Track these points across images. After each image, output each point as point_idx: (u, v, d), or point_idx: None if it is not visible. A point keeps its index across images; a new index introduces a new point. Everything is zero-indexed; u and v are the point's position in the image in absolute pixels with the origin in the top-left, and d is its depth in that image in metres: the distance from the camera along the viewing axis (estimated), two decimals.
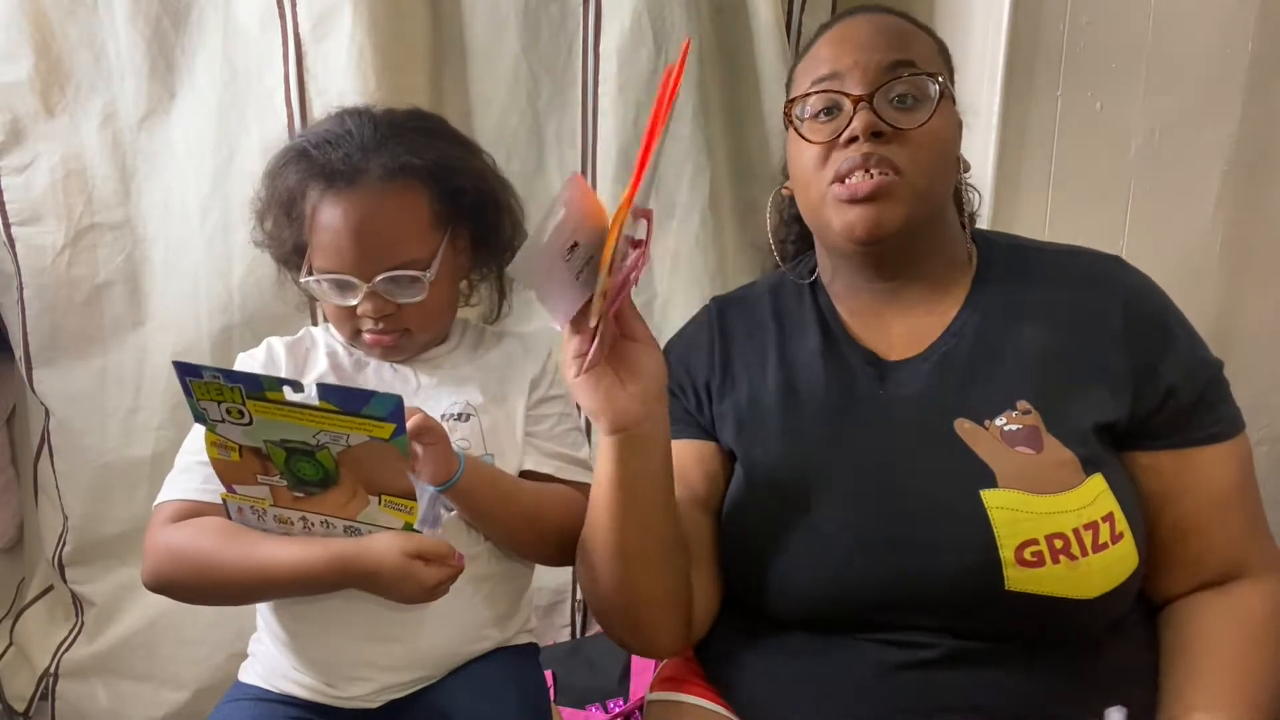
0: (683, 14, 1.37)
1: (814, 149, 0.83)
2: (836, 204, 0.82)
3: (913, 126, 0.80)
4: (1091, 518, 0.73)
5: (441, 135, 0.94)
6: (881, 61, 0.81)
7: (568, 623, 1.59)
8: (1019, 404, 0.79)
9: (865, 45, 0.82)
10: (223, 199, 1.36)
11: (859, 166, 0.80)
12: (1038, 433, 0.77)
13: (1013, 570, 0.73)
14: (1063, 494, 0.74)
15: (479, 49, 1.42)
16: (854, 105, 0.80)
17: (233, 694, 0.94)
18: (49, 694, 1.49)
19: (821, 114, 0.83)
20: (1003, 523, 0.73)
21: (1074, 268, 0.86)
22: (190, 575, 0.84)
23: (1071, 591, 0.73)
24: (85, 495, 1.45)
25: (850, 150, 0.80)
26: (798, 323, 0.92)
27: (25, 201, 1.36)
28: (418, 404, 0.92)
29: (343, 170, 0.87)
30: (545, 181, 1.47)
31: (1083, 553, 0.72)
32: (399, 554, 0.79)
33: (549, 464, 0.96)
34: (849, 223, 0.81)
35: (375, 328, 0.91)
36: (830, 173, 0.82)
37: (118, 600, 1.49)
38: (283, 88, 1.34)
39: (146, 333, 1.42)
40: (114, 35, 1.34)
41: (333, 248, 0.88)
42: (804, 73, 0.87)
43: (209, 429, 0.78)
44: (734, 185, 1.52)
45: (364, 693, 0.90)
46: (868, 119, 0.79)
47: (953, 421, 0.79)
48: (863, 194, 0.80)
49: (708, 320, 0.97)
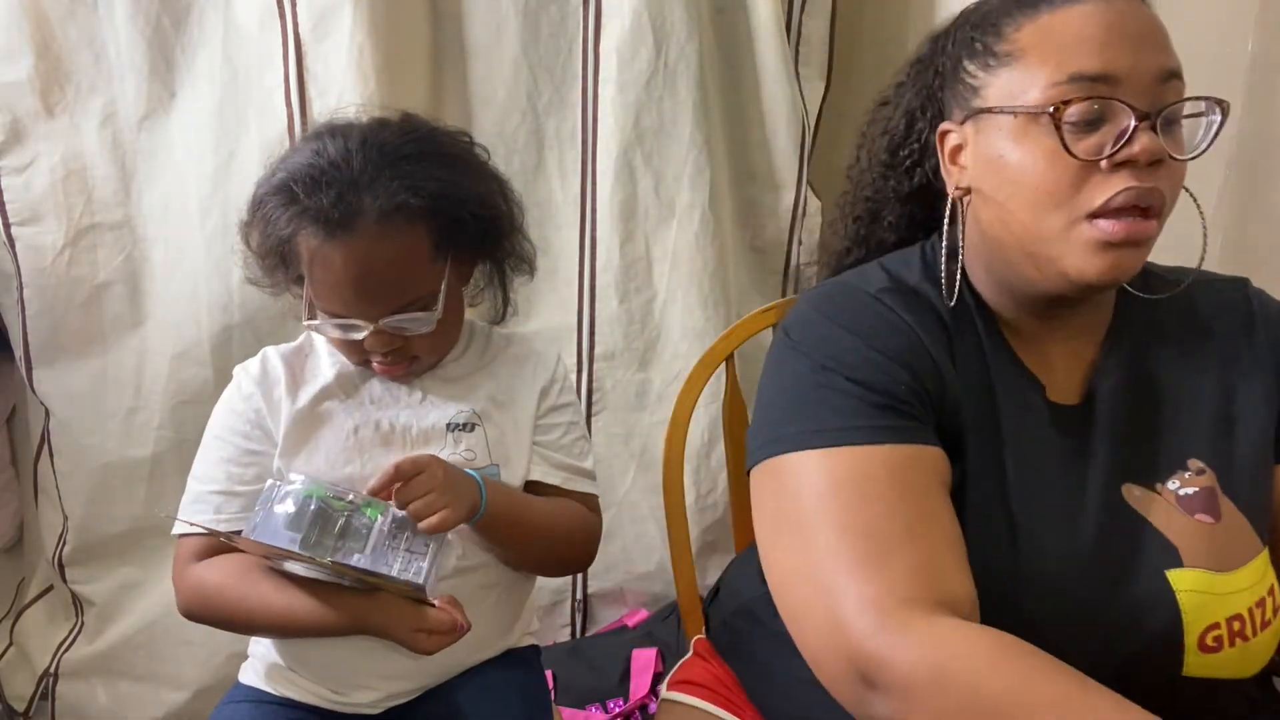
0: (683, 14, 1.37)
1: (1071, 165, 0.65)
2: (1089, 244, 0.65)
3: (1186, 157, 0.66)
4: (1261, 594, 0.68)
5: (436, 157, 0.86)
6: (1159, 69, 0.66)
7: (568, 623, 1.59)
8: (1191, 463, 0.70)
9: (1141, 42, 0.66)
10: (223, 199, 1.36)
11: (1134, 203, 0.64)
12: (1215, 495, 0.69)
13: (1193, 656, 0.66)
14: (1240, 570, 0.68)
15: (479, 49, 1.42)
16: (1136, 122, 0.64)
17: (232, 695, 0.94)
18: (49, 694, 1.49)
19: (1085, 123, 0.65)
20: (1191, 607, 0.66)
21: (1210, 301, 0.77)
22: (217, 616, 0.88)
23: (1239, 673, 0.68)
24: (85, 495, 1.45)
25: (1119, 178, 0.64)
26: (963, 339, 0.74)
27: (25, 201, 1.36)
28: (423, 414, 0.91)
29: (338, 217, 0.80)
30: (545, 181, 1.47)
31: (1254, 632, 0.67)
32: (408, 630, 0.82)
33: (556, 475, 0.94)
34: (1101, 269, 0.65)
35: (384, 360, 0.88)
36: (1088, 200, 0.65)
37: (118, 600, 1.49)
38: (283, 88, 1.33)
39: (146, 333, 1.42)
40: (114, 35, 1.34)
41: (335, 295, 0.84)
42: (1046, 49, 0.67)
43: None
44: (734, 185, 1.52)
45: (369, 700, 0.90)
46: (1156, 144, 0.64)
47: (1120, 487, 0.70)
48: (1133, 239, 0.65)
49: (902, 316, 0.73)
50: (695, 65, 1.39)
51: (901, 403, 0.69)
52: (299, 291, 0.89)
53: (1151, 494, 0.69)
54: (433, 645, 0.82)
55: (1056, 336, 0.74)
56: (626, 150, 1.42)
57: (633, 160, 1.43)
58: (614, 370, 1.51)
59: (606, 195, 1.44)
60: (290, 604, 0.84)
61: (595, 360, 1.50)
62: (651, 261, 1.48)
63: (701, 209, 1.45)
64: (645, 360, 1.51)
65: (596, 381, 1.51)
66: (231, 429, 0.90)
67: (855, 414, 0.68)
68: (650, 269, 1.48)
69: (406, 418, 0.90)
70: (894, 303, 0.74)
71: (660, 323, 1.49)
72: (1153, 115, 0.64)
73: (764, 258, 1.56)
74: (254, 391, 0.90)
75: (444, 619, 0.82)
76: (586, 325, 1.50)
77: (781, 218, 1.52)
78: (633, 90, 1.40)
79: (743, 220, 1.54)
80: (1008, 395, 0.72)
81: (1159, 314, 0.76)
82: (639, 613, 1.56)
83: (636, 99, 1.40)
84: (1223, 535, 0.68)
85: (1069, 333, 0.74)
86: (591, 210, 1.46)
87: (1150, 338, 0.75)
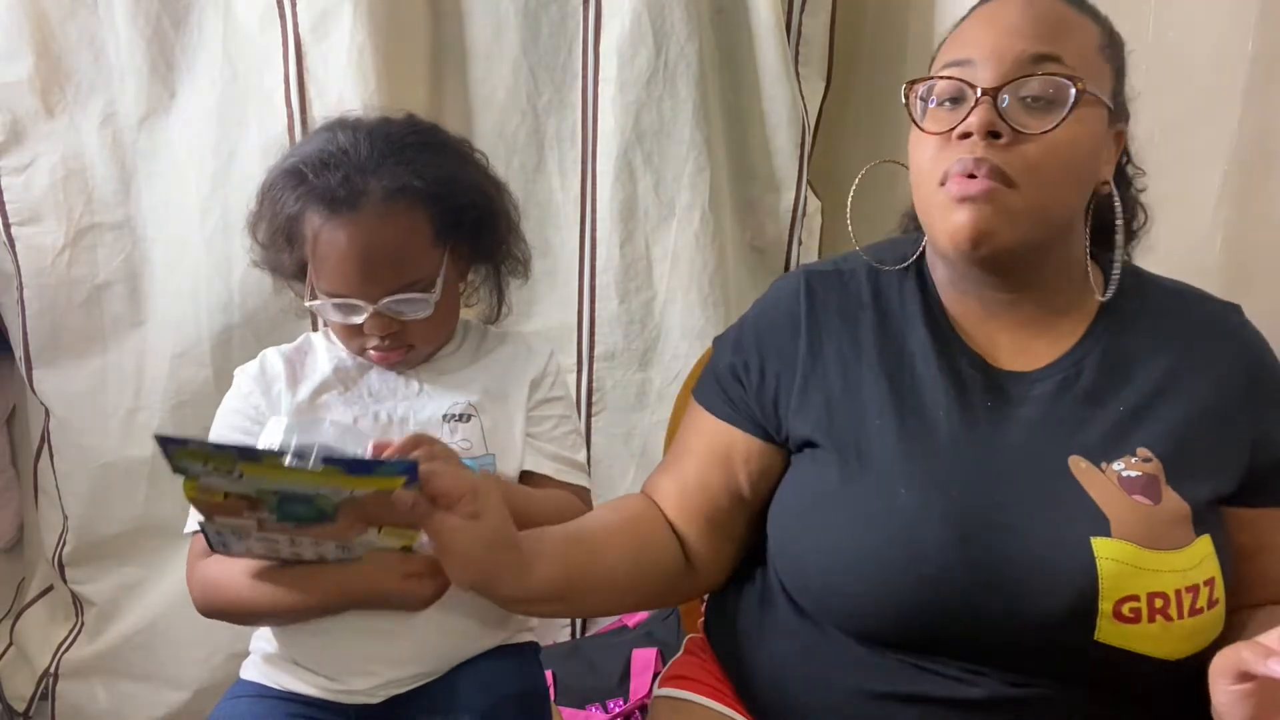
0: (683, 14, 1.37)
1: (931, 140, 0.75)
2: (944, 204, 0.74)
3: (1037, 131, 0.71)
4: (1194, 580, 0.70)
5: (439, 149, 0.93)
6: (1024, 52, 0.72)
7: (568, 623, 1.59)
8: (1140, 450, 0.74)
9: (1010, 30, 0.73)
10: (223, 199, 1.36)
11: (969, 170, 0.71)
12: (1157, 483, 0.73)
13: (1107, 622, 0.69)
14: (1172, 552, 0.71)
15: (479, 49, 1.42)
16: (976, 97, 0.72)
17: (235, 690, 0.95)
18: (49, 694, 1.49)
19: (947, 102, 0.75)
20: (1110, 574, 0.69)
21: (1201, 314, 0.81)
22: (225, 610, 0.89)
23: (1156, 651, 0.70)
24: (85, 495, 1.45)
25: (962, 148, 0.72)
26: (902, 309, 0.84)
27: (25, 201, 1.36)
28: (420, 405, 0.93)
29: (344, 196, 0.85)
30: (545, 181, 1.47)
31: (1179, 615, 0.69)
32: (397, 579, 0.83)
33: (548, 465, 0.97)
34: (956, 226, 0.73)
35: (381, 345, 0.90)
36: (941, 169, 0.74)
37: (118, 600, 1.49)
38: (283, 88, 1.33)
39: (146, 333, 1.42)
40: (114, 35, 1.34)
41: (337, 273, 0.87)
42: (944, 51, 0.78)
43: (188, 480, 0.69)
44: (734, 185, 1.52)
45: (367, 687, 0.91)
46: (985, 116, 0.71)
47: (1066, 456, 0.74)
48: (972, 193, 0.71)
49: (795, 295, 0.87)
50: (695, 65, 1.39)
51: (729, 381, 0.88)
52: (299, 287, 0.92)
53: (1096, 469, 0.74)
54: (426, 589, 0.83)
55: (999, 321, 0.81)
56: (626, 150, 1.42)
57: (633, 160, 1.43)
58: (614, 370, 1.51)
59: (606, 195, 1.45)
60: (281, 595, 0.85)
61: (595, 360, 1.51)
62: (651, 261, 1.48)
63: (701, 209, 1.45)
64: (645, 360, 1.51)
65: (596, 381, 1.51)
66: (232, 427, 0.93)
67: (709, 380, 0.91)
68: (650, 269, 1.48)
69: (404, 409, 0.93)
70: (806, 282, 0.87)
71: (660, 323, 1.49)
72: (992, 91, 0.72)
73: (764, 258, 1.56)
74: (252, 389, 0.94)
75: (430, 560, 0.81)
76: (586, 325, 1.50)
77: (781, 218, 1.52)
78: (633, 90, 1.40)
79: (743, 220, 1.54)
80: (929, 364, 0.80)
81: (1147, 317, 0.80)
82: (639, 612, 1.56)
83: (636, 99, 1.40)
84: (1159, 518, 0.71)
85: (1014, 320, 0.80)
86: (591, 210, 1.46)
87: (1131, 336, 0.79)
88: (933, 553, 0.73)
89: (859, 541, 0.76)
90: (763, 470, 0.87)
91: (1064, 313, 0.80)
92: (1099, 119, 0.75)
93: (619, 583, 0.84)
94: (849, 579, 0.76)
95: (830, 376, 0.83)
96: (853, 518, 0.77)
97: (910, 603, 0.73)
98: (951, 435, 0.77)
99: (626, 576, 0.84)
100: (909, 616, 0.74)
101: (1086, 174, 0.76)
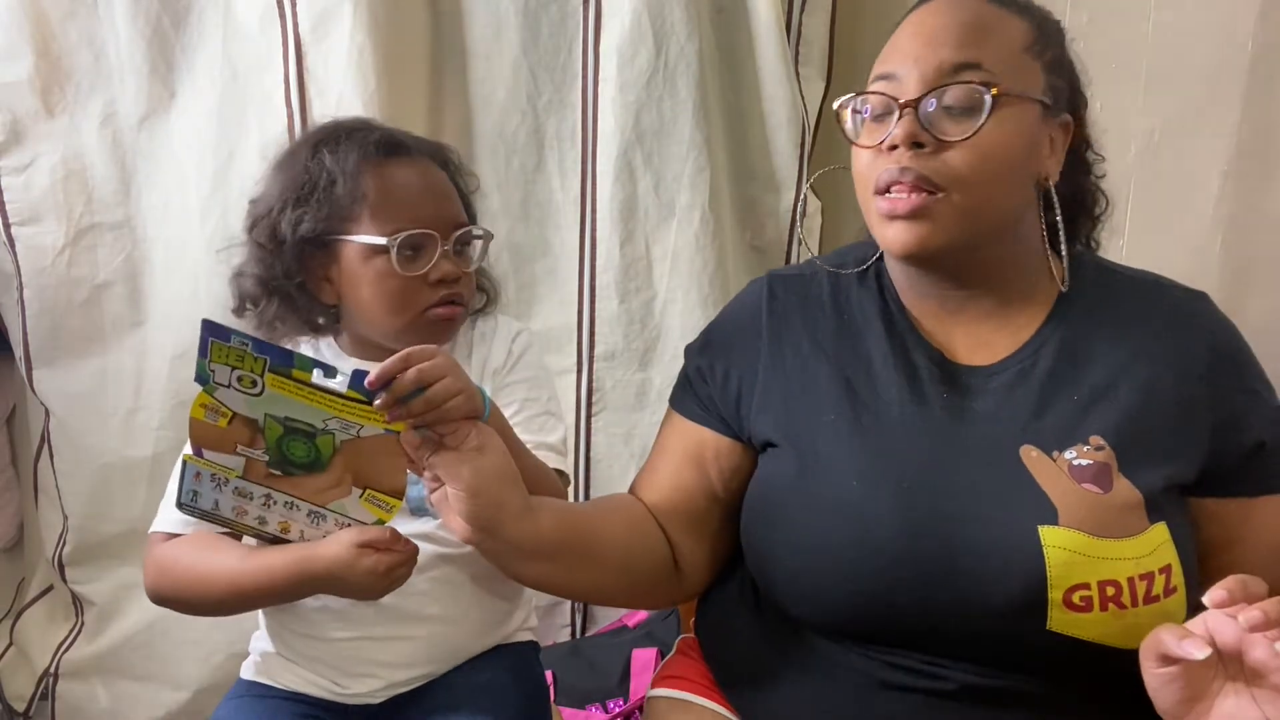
0: (683, 14, 1.37)
1: (865, 153, 0.78)
2: (879, 217, 0.77)
3: (958, 138, 0.73)
4: (1149, 568, 0.70)
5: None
6: (944, 62, 0.74)
7: (568, 623, 1.59)
8: (1092, 439, 0.75)
9: (931, 41, 0.76)
10: (223, 199, 1.36)
11: (896, 180, 0.74)
12: (1109, 471, 0.73)
13: (1058, 612, 0.70)
14: (1124, 540, 0.71)
15: (479, 49, 1.42)
16: (900, 110, 0.74)
17: (236, 690, 0.95)
18: (49, 694, 1.49)
19: (875, 117, 0.78)
20: (1058, 563, 0.70)
21: (1163, 301, 0.81)
22: (178, 585, 0.87)
23: (1112, 640, 0.70)
24: (85, 495, 1.45)
25: (890, 160, 0.75)
26: (860, 310, 0.86)
27: (25, 201, 1.36)
28: None
29: (394, 143, 0.92)
30: (545, 181, 1.47)
31: (1133, 603, 0.70)
32: (348, 545, 0.78)
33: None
34: (889, 239, 0.77)
35: (448, 294, 0.90)
36: (874, 179, 0.77)
37: (118, 600, 1.49)
38: (283, 88, 1.33)
39: (146, 333, 1.42)
40: (114, 35, 1.34)
41: (407, 205, 0.89)
42: (876, 64, 0.80)
43: (207, 390, 0.74)
44: (734, 185, 1.52)
45: (369, 689, 0.91)
46: (908, 128, 0.74)
47: (1019, 446, 0.75)
48: (901, 212, 0.74)
49: (758, 299, 0.91)
50: (695, 65, 1.39)
51: (698, 383, 0.91)
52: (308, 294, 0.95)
53: (1046, 459, 0.74)
54: (382, 561, 0.78)
55: (956, 318, 0.82)
56: (626, 150, 1.42)
57: (633, 160, 1.43)
58: (614, 370, 1.51)
59: (606, 195, 1.45)
60: (239, 564, 0.83)
61: (595, 360, 1.50)
62: (651, 261, 1.48)
63: (701, 209, 1.45)
64: (645, 360, 1.51)
65: (596, 381, 1.51)
66: None
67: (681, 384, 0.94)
68: (650, 269, 1.48)
69: None
70: (769, 286, 0.91)
71: (660, 323, 1.49)
72: (913, 104, 0.74)
73: (764, 258, 1.56)
74: None
75: (384, 531, 0.79)
76: (586, 325, 1.50)
77: (781, 218, 1.52)
78: (633, 90, 1.40)
79: (743, 220, 1.54)
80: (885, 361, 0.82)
81: (1108, 307, 0.81)
82: (639, 612, 1.56)
83: (636, 99, 1.40)
84: (1109, 506, 0.72)
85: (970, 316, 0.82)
86: (591, 210, 1.46)
87: (1090, 325, 0.80)
88: (885, 544, 0.74)
89: (815, 535, 0.77)
90: (734, 468, 0.89)
91: (1022, 306, 0.82)
92: (1027, 116, 0.76)
93: (611, 560, 0.84)
94: (808, 573, 0.78)
95: (789, 377, 0.85)
96: (808, 512, 0.79)
97: (866, 594, 0.75)
98: (905, 428, 0.79)
99: (617, 556, 0.85)
100: (867, 608, 0.75)
101: (1020, 172, 0.77)
